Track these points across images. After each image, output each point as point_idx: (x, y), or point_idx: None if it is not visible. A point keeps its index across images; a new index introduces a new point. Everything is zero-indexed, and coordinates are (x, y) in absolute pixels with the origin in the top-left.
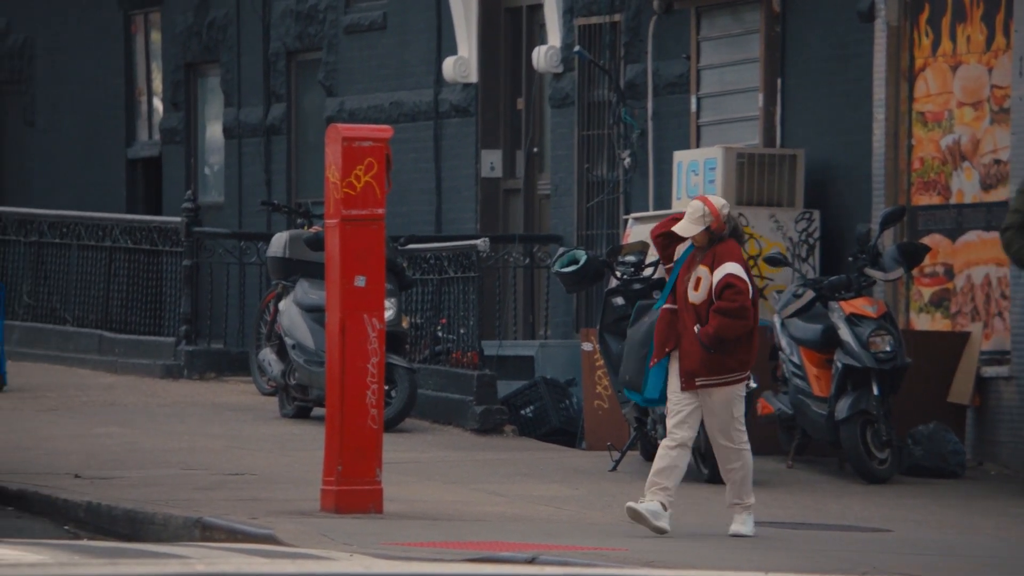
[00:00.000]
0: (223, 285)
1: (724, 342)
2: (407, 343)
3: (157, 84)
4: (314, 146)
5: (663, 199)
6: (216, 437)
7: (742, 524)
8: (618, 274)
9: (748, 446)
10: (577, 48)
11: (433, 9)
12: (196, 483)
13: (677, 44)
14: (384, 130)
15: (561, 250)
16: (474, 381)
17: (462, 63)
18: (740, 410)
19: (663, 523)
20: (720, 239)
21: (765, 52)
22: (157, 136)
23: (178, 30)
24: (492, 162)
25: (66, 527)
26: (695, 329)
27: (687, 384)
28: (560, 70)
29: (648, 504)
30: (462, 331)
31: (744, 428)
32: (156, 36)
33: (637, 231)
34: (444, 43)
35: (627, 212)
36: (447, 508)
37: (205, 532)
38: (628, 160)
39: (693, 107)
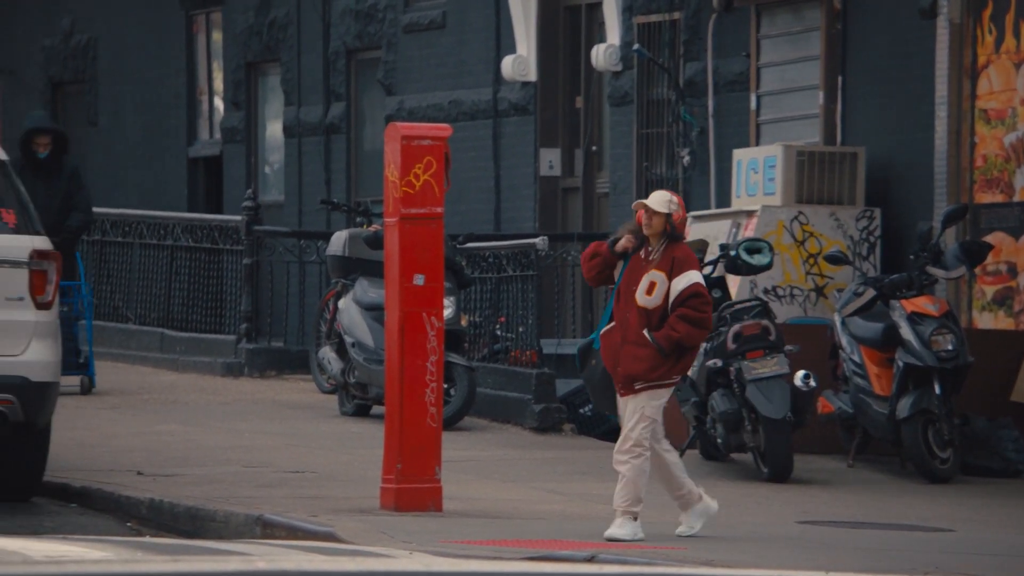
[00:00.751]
0: (283, 283)
1: (684, 349)
2: (466, 341)
3: (218, 83)
4: (373, 145)
5: (723, 197)
6: (276, 435)
7: (619, 527)
8: None
9: (648, 453)
10: (636, 46)
11: (492, 8)
12: (257, 480)
13: (737, 42)
14: (443, 129)
15: None
16: (533, 379)
17: (521, 62)
18: (658, 412)
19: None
20: (674, 239)
21: (826, 50)
22: (218, 135)
23: (239, 30)
24: (551, 160)
25: (129, 524)
26: (645, 333)
27: (626, 390)
28: (619, 68)
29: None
30: (521, 329)
31: (651, 432)
32: (217, 36)
33: (697, 229)
34: (503, 42)
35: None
36: (506, 506)
37: (266, 529)
38: (688, 158)
39: (753, 105)
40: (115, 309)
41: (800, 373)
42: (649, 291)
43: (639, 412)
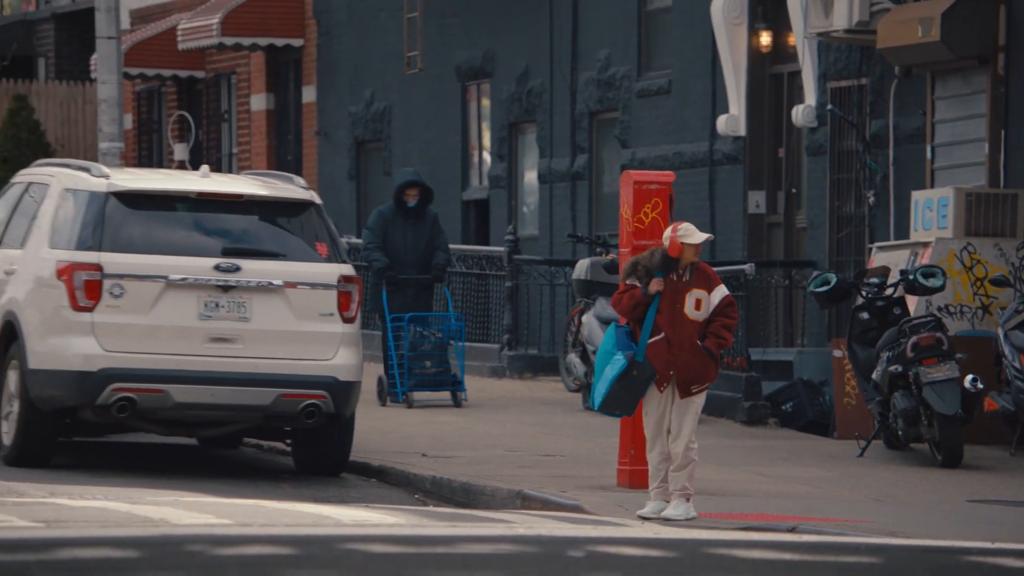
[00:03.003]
0: (537, 302)
1: (723, 352)
2: None
3: (486, 140)
4: (611, 189)
5: (902, 231)
6: (532, 425)
7: (675, 508)
8: (864, 293)
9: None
10: (830, 106)
11: (709, 76)
12: (517, 462)
13: (915, 102)
14: (668, 175)
15: (815, 273)
16: (743, 381)
17: (733, 120)
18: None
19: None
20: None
21: (991, 108)
22: (486, 182)
23: (503, 97)
24: (757, 201)
25: (416, 496)
26: (699, 344)
27: (684, 392)
28: (815, 125)
29: (655, 505)
30: (732, 340)
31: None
32: (485, 102)
33: (880, 257)
34: (718, 103)
35: (871, 242)
36: (721, 485)
37: (524, 502)
38: (872, 199)
39: (928, 155)
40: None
41: (969, 377)
42: (697, 307)
43: (692, 412)
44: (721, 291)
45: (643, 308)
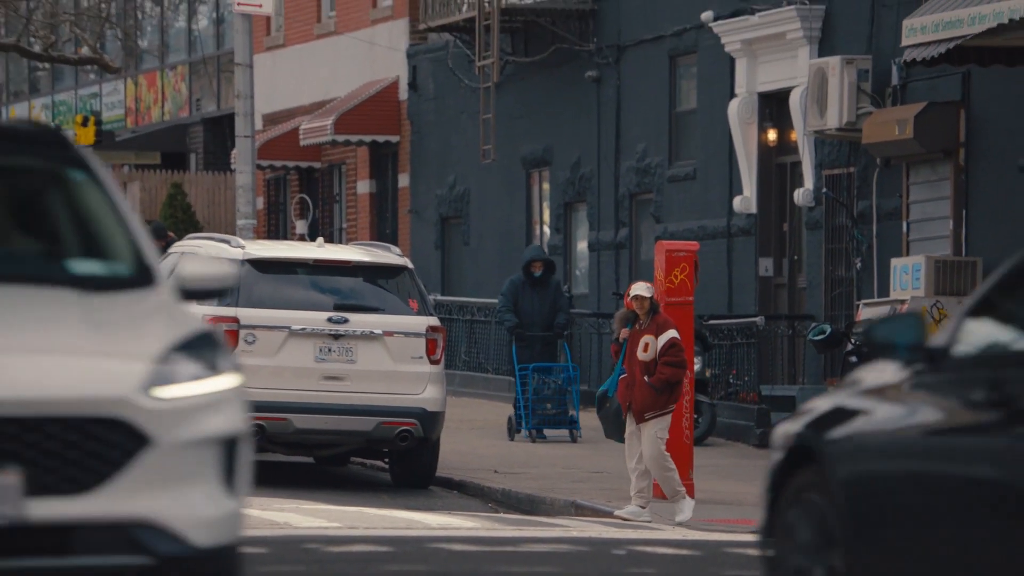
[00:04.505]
0: (587, 347)
1: (670, 385)
2: (709, 386)
3: (546, 216)
4: (647, 256)
5: (884, 290)
6: (583, 447)
7: (682, 512)
8: (853, 341)
9: (670, 460)
10: (825, 190)
11: (727, 165)
12: (571, 478)
13: (893, 186)
14: (693, 245)
15: (813, 325)
16: (755, 412)
17: (746, 200)
18: (665, 433)
19: (647, 516)
20: (656, 311)
21: (954, 192)
22: (546, 250)
23: (560, 181)
24: (766, 266)
25: (489, 505)
26: (644, 379)
27: (638, 419)
28: (812, 204)
29: (631, 508)
30: (746, 379)
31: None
32: (546, 185)
33: (866, 312)
34: (734, 187)
35: (859, 299)
36: (736, 497)
37: (577, 510)
38: (859, 264)
39: (904, 229)
40: (479, 364)
41: None
42: (644, 350)
43: (648, 436)
44: (667, 336)
45: (621, 351)
